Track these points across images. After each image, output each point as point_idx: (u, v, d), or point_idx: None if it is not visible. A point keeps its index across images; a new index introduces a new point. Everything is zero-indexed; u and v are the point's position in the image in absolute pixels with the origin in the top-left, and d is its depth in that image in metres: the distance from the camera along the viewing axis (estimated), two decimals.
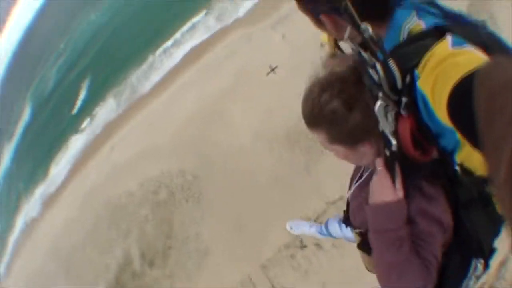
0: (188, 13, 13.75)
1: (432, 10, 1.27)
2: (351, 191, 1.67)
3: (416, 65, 1.08)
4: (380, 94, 1.13)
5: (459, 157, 1.24)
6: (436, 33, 1.12)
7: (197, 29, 12.90)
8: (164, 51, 13.06)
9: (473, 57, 0.98)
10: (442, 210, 1.37)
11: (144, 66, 13.14)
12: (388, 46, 1.18)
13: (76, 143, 13.50)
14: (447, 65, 0.99)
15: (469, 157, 1.22)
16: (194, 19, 13.37)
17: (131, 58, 14.36)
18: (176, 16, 14.26)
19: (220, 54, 10.83)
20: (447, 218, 1.38)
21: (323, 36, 1.68)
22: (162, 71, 12.22)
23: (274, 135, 8.16)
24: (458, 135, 1.08)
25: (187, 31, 13.22)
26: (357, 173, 1.68)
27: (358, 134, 1.33)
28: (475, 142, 0.78)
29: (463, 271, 1.55)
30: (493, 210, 1.37)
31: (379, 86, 1.13)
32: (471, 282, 1.58)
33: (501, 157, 0.50)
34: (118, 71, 14.36)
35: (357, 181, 1.65)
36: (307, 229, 2.28)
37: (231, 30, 11.45)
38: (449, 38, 1.07)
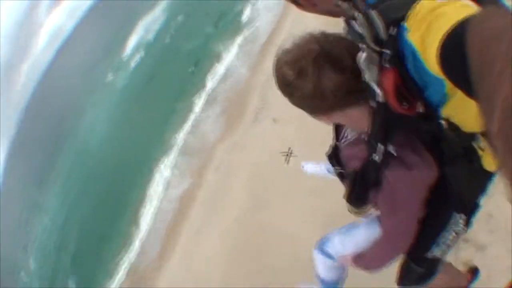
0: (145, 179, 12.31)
1: None
2: (341, 143, 1.72)
3: (403, 18, 1.07)
4: (364, 46, 1.16)
5: (445, 112, 1.24)
6: None
7: (170, 185, 11.21)
8: (150, 220, 11.19)
9: (462, 6, 0.96)
10: (422, 176, 1.48)
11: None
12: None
13: None
14: (436, 15, 0.97)
15: (455, 112, 1.23)
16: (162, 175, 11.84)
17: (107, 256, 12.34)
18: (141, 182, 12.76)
19: (216, 180, 9.19)
20: (427, 180, 1.51)
21: None
22: (157, 237, 10.24)
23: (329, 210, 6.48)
24: (446, 89, 1.13)
25: (158, 187, 11.58)
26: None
27: (314, 109, 1.47)
28: (468, 91, 0.78)
29: (443, 223, 1.63)
30: (479, 167, 1.40)
31: (362, 37, 1.15)
32: (450, 236, 1.66)
33: (494, 108, 0.50)
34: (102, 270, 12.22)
35: (343, 138, 1.73)
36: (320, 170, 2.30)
37: (212, 151, 9.97)
38: None
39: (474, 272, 2.14)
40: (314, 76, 1.31)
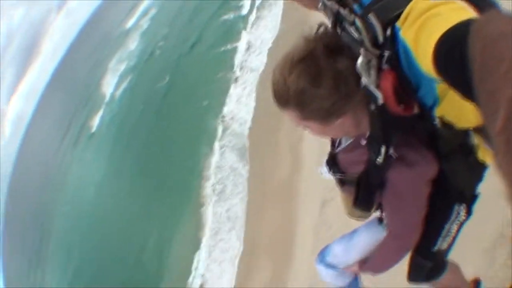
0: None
1: None
2: (338, 151, 1.70)
3: (397, 18, 1.04)
4: (362, 50, 1.12)
5: (438, 111, 1.24)
6: None
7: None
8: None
9: (458, 8, 0.93)
10: (423, 172, 1.48)
11: None
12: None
13: None
14: (431, 14, 0.93)
15: (448, 111, 1.22)
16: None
17: None
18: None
19: None
20: (429, 176, 1.50)
21: None
22: None
23: None
24: (437, 90, 1.12)
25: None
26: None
27: (331, 109, 1.36)
28: (463, 91, 0.77)
29: (445, 216, 1.64)
30: (475, 159, 1.43)
31: (360, 42, 1.12)
32: (453, 227, 1.67)
33: (497, 107, 0.50)
34: None
35: (339, 145, 1.70)
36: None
37: None
38: None
39: (476, 283, 2.11)
40: (330, 66, 1.27)
